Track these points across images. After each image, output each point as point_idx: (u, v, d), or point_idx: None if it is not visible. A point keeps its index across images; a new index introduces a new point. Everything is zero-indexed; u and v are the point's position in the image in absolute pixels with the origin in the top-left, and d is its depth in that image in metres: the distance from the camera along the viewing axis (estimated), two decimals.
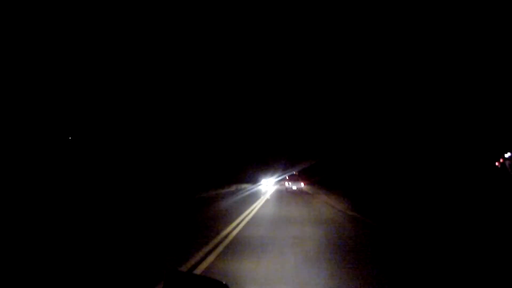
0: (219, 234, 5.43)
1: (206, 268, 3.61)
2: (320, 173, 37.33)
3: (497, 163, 24.56)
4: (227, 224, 6.53)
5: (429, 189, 15.73)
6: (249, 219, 7.43)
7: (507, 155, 22.12)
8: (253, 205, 10.84)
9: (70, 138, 14.18)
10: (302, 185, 23.21)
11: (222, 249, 4.46)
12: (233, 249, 4.51)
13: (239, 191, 23.28)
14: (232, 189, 25.57)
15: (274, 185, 30.78)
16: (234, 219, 7.38)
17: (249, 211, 9.05)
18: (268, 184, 16.00)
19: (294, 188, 22.47)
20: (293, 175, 32.31)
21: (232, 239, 5.11)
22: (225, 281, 1.12)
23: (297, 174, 37.62)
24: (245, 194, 19.09)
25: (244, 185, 30.87)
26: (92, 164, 14.15)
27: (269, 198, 14.98)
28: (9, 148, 10.52)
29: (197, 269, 3.55)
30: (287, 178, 27.59)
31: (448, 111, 22.93)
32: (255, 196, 16.72)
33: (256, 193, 19.56)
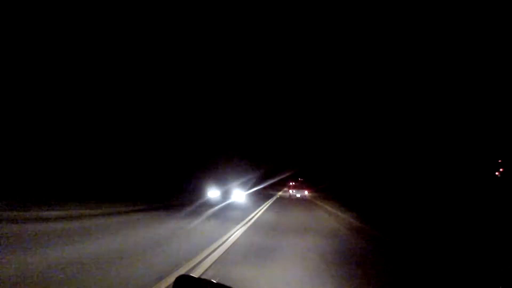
0: None
1: None
2: (323, 179, 37.72)
3: (497, 173, 24.95)
4: None
5: (432, 197, 16.06)
6: None
7: None
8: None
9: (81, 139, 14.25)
10: (306, 193, 23.68)
11: None
12: None
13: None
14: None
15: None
16: None
17: None
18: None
19: (298, 195, 22.94)
20: (296, 182, 32.52)
21: None
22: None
23: (301, 180, 37.86)
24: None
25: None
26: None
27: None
28: (9, 148, 10.55)
29: None
30: (291, 185, 28.07)
31: (449, 120, 23.08)
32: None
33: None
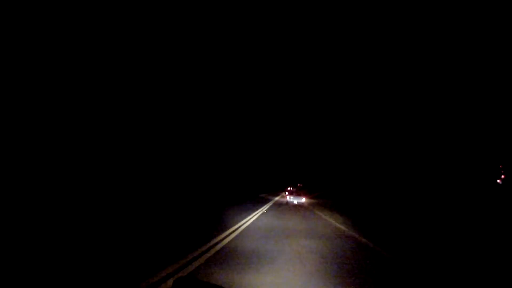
0: None
1: None
2: (320, 186, 37.39)
3: (498, 180, 24.50)
4: None
5: (433, 206, 15.74)
6: None
7: None
8: None
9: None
10: (303, 199, 23.41)
11: None
12: None
13: None
14: None
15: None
16: None
17: None
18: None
19: (295, 202, 22.70)
20: (294, 188, 32.19)
21: None
22: None
23: (300, 186, 37.60)
24: None
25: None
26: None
27: None
28: (9, 148, 10.58)
29: None
30: (289, 190, 27.69)
31: (448, 126, 22.86)
32: None
33: None
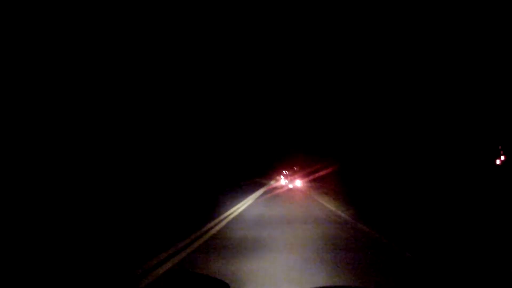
0: None
1: None
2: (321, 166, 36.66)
3: (498, 161, 24.06)
4: None
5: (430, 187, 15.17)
6: None
7: None
8: None
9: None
10: (299, 183, 22.61)
11: None
12: None
13: None
14: None
15: None
16: None
17: None
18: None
19: (290, 186, 21.99)
20: (289, 172, 31.23)
21: None
22: (227, 282, 1.18)
23: (296, 169, 36.64)
24: None
25: None
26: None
27: None
28: (9, 148, 10.59)
29: None
30: (284, 175, 26.84)
31: (450, 112, 22.56)
32: None
33: None
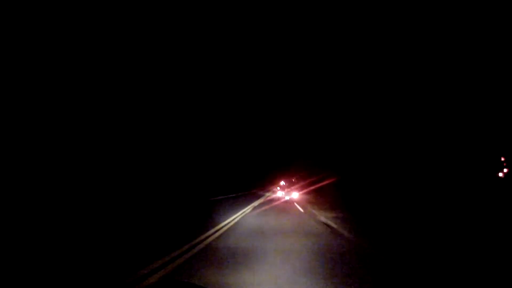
0: None
1: None
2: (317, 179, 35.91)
3: (500, 174, 23.37)
4: None
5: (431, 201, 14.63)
6: None
7: None
8: None
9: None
10: (297, 195, 21.85)
11: None
12: None
13: None
14: None
15: None
16: None
17: None
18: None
19: (287, 198, 21.20)
20: (286, 184, 30.58)
21: None
22: None
23: (294, 181, 35.83)
24: None
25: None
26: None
27: None
28: (9, 148, 10.63)
29: None
30: (281, 186, 26.16)
31: (447, 118, 22.20)
32: None
33: None
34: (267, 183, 51.37)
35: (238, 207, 14.45)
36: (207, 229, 7.46)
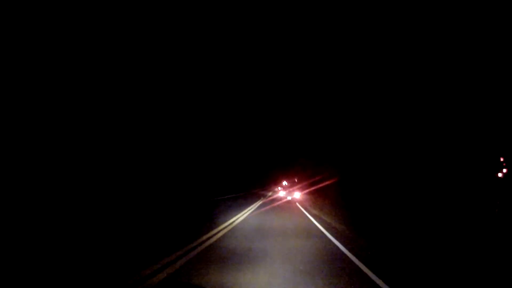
0: None
1: None
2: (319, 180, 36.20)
3: (500, 174, 23.63)
4: None
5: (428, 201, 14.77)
6: None
7: None
8: None
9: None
10: (298, 195, 22.26)
11: None
12: None
13: None
14: None
15: None
16: None
17: None
18: None
19: (289, 198, 21.62)
20: (288, 184, 30.91)
21: None
22: None
23: (296, 181, 36.19)
24: None
25: None
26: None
27: None
28: (9, 148, 10.55)
29: None
30: (283, 187, 26.55)
31: (444, 116, 22.30)
32: None
33: None
34: (270, 183, 51.68)
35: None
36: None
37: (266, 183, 52.57)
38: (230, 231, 7.66)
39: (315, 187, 32.03)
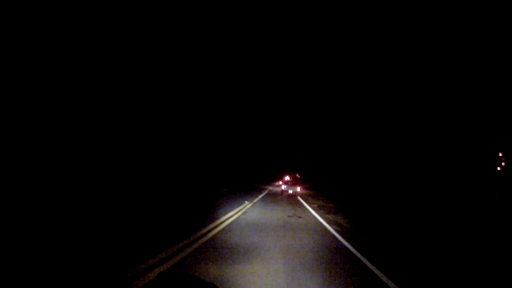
0: None
1: None
2: (320, 175, 36.90)
3: (498, 168, 23.82)
4: None
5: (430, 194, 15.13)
6: None
7: None
8: None
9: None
10: (298, 189, 23.00)
11: None
12: None
13: None
14: None
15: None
16: None
17: None
18: None
19: (290, 191, 22.34)
20: (290, 179, 31.62)
21: None
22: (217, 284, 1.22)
23: (298, 176, 36.80)
24: None
25: None
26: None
27: None
28: (9, 148, 10.59)
29: None
30: (284, 181, 27.28)
31: (446, 113, 22.46)
32: None
33: None
34: (274, 178, 52.81)
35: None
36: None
37: (270, 178, 53.54)
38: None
39: (314, 182, 32.93)
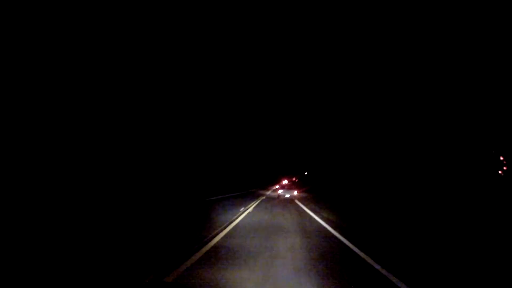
0: None
1: None
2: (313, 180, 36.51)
3: (500, 172, 23.41)
4: None
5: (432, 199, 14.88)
6: None
7: None
8: None
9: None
10: (295, 193, 22.50)
11: None
12: None
13: None
14: None
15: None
16: None
17: None
18: None
19: (287, 196, 21.85)
20: (287, 183, 31.30)
21: None
22: None
23: (295, 180, 36.54)
24: None
25: None
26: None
27: None
28: (9, 148, 10.58)
29: None
30: (281, 185, 26.87)
31: (447, 117, 22.22)
32: None
33: None
34: (272, 182, 52.42)
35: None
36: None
37: (268, 183, 53.07)
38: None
39: (310, 187, 32.53)
